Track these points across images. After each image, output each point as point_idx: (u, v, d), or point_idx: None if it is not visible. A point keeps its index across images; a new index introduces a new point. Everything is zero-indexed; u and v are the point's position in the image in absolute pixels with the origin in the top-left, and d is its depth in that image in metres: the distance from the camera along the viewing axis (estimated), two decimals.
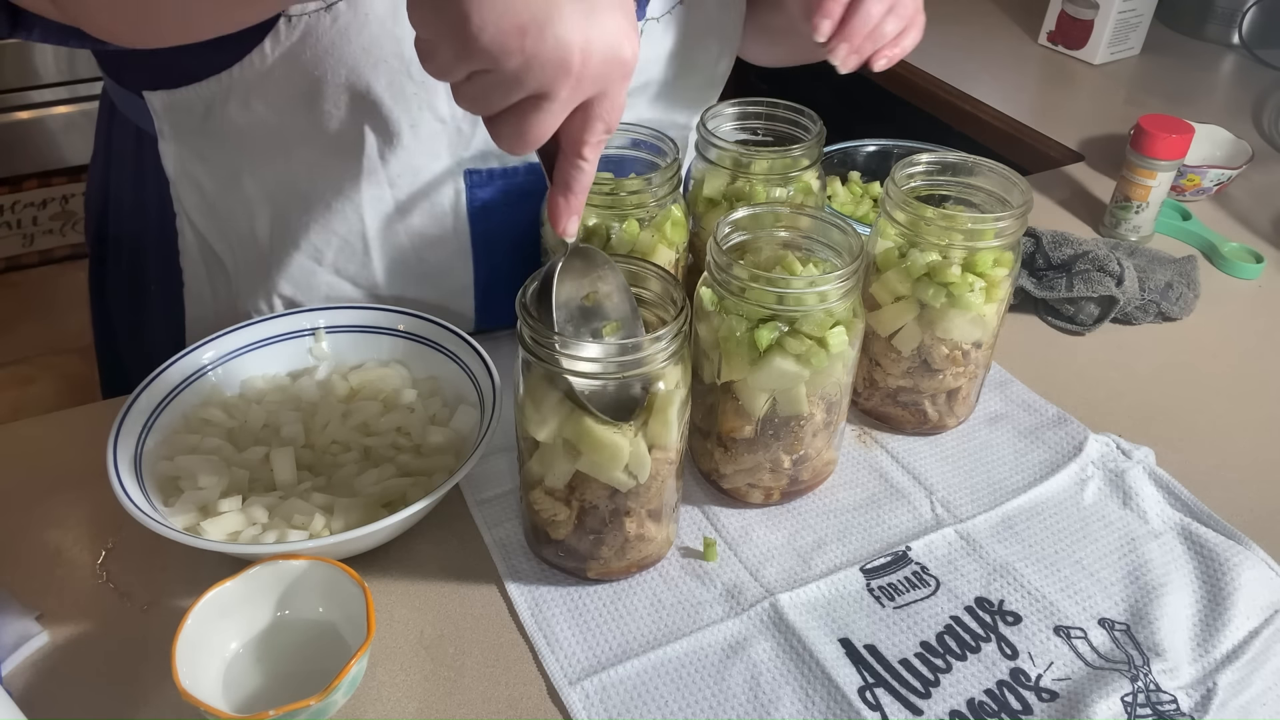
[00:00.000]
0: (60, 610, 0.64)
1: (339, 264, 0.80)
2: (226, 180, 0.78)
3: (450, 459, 0.71)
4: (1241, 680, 0.61)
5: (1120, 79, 1.44)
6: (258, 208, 0.78)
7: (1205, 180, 1.10)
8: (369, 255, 0.80)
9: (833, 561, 0.69)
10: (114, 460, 0.64)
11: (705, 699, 0.60)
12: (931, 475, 0.76)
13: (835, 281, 0.62)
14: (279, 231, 0.79)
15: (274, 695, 0.58)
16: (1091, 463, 0.76)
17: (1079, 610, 0.66)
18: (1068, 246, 0.93)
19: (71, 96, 2.60)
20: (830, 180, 1.02)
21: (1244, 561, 0.68)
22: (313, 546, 0.60)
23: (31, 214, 2.63)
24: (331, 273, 0.81)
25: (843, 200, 1.03)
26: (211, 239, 0.82)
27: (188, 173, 0.79)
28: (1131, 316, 0.92)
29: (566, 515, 0.62)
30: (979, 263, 0.70)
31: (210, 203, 0.80)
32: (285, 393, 0.75)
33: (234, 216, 0.80)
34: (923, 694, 0.61)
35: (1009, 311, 0.92)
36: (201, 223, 0.81)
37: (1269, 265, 1.01)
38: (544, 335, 0.55)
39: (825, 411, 0.68)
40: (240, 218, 0.79)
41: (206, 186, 0.79)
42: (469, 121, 0.74)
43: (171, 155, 0.78)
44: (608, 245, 0.74)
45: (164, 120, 0.76)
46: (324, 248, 0.79)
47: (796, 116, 0.82)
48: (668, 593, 0.66)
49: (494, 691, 0.60)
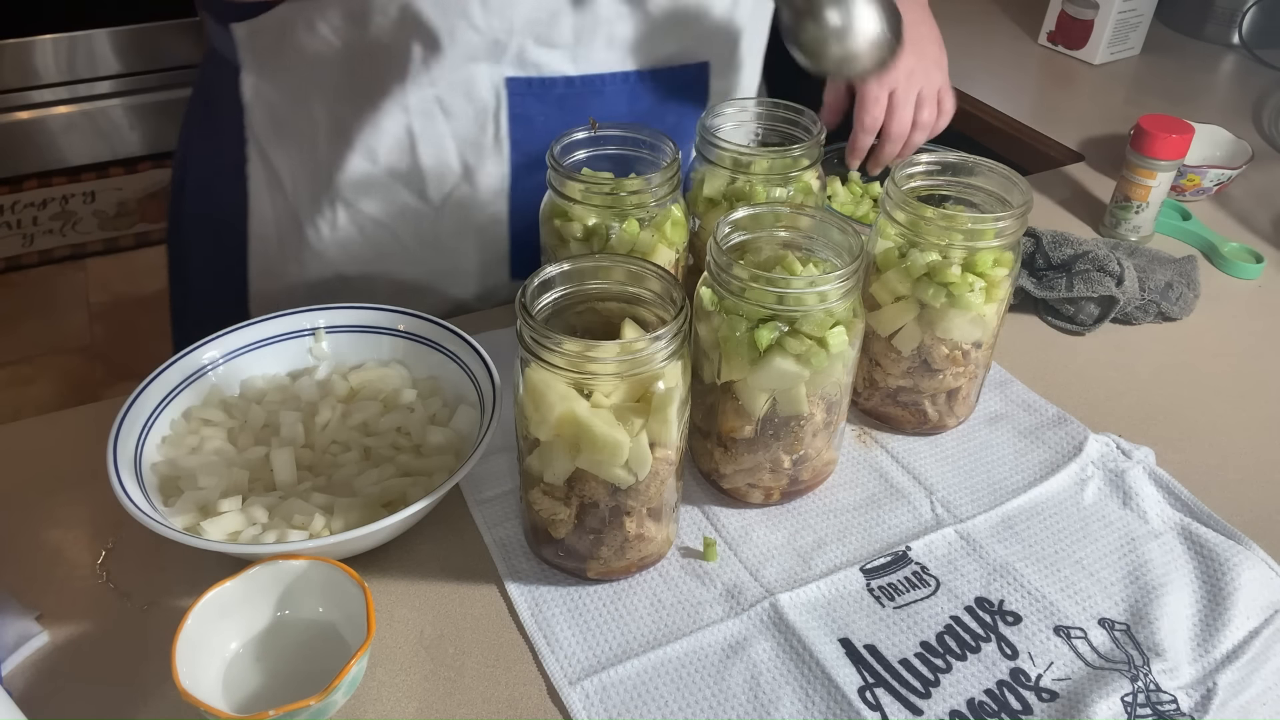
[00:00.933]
0: (60, 610, 0.64)
1: (390, 162, 0.87)
2: (296, 101, 0.86)
3: (450, 459, 0.71)
4: (1241, 680, 0.61)
5: (1120, 79, 1.44)
6: (321, 124, 0.86)
7: (1205, 180, 1.10)
8: (415, 154, 0.86)
9: (833, 561, 0.69)
10: (114, 460, 0.64)
11: (705, 699, 0.60)
12: (931, 475, 0.76)
13: (835, 281, 0.62)
14: (338, 140, 0.86)
15: (274, 695, 0.58)
16: (1091, 463, 0.76)
17: (1079, 610, 0.66)
18: (1068, 246, 0.93)
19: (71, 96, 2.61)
20: (830, 180, 1.02)
21: (1244, 561, 0.68)
22: (313, 546, 0.60)
23: (31, 214, 2.63)
24: (385, 174, 0.87)
25: (843, 200, 1.03)
26: (277, 160, 0.89)
27: (262, 97, 0.87)
28: (1131, 316, 0.92)
29: (566, 514, 0.62)
30: (979, 263, 0.70)
31: (279, 122, 0.88)
32: (285, 393, 0.75)
33: (300, 135, 0.87)
34: (923, 694, 0.61)
35: (1009, 311, 0.92)
36: (270, 144, 0.89)
37: (1269, 265, 1.01)
38: (544, 335, 0.56)
39: (825, 411, 0.68)
40: (305, 135, 0.87)
41: (278, 108, 0.87)
42: (504, 32, 0.81)
43: (250, 84, 0.87)
44: (608, 245, 0.74)
45: (246, 49, 0.86)
46: (376, 146, 0.86)
47: (796, 116, 0.82)
48: (668, 593, 0.66)
49: (494, 691, 0.60)
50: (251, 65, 0.87)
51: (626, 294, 0.62)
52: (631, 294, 0.62)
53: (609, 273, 0.62)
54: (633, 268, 0.62)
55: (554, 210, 0.76)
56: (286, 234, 0.91)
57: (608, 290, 0.62)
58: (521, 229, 0.92)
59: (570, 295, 0.62)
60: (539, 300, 0.60)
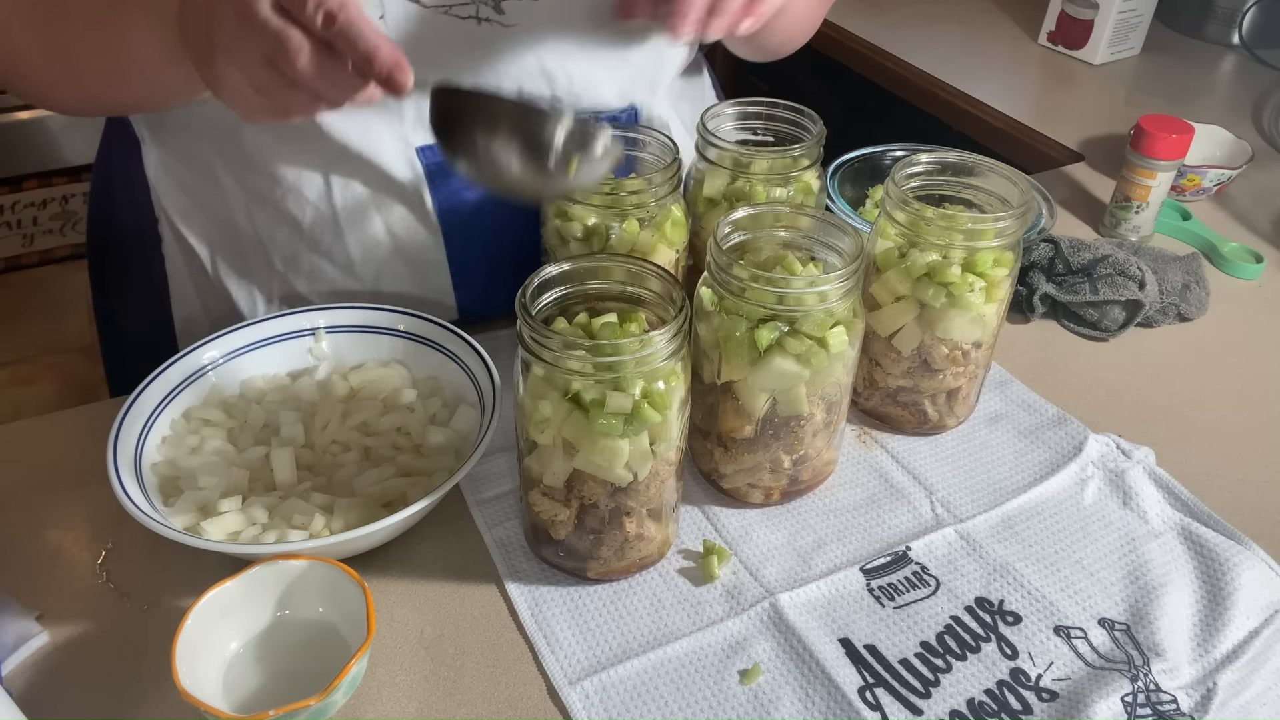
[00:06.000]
0: (60, 610, 0.64)
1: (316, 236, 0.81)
2: (203, 174, 0.81)
3: (450, 459, 0.71)
4: (1241, 680, 0.61)
5: (1120, 79, 1.44)
6: (234, 196, 0.81)
7: (1205, 180, 1.10)
8: (340, 229, 0.81)
9: (833, 561, 0.69)
10: (114, 460, 0.64)
11: (705, 699, 0.60)
12: (931, 475, 0.76)
13: (835, 281, 0.62)
14: (259, 215, 0.81)
15: (274, 695, 0.58)
16: (1091, 463, 0.76)
17: (1079, 610, 0.66)
18: (1086, 251, 0.93)
19: None
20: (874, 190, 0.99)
21: (1244, 561, 0.68)
22: (313, 546, 0.60)
23: (31, 214, 2.63)
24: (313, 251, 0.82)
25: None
26: (193, 239, 0.84)
27: (169, 172, 0.83)
28: (1152, 320, 0.92)
29: (566, 515, 0.62)
30: (979, 263, 0.70)
31: (193, 199, 0.83)
32: (285, 393, 0.75)
33: (215, 208, 0.83)
34: (923, 694, 0.61)
35: (1034, 320, 0.92)
36: (184, 222, 0.84)
37: (1269, 265, 1.01)
38: (544, 335, 0.56)
39: (825, 411, 0.68)
40: (221, 208, 0.82)
41: (187, 183, 0.83)
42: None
43: (153, 159, 0.83)
44: (608, 245, 0.74)
45: (142, 124, 0.82)
46: (301, 218, 0.80)
47: (796, 116, 0.82)
48: (668, 593, 0.66)
49: (494, 691, 0.60)
50: (149, 139, 0.82)
51: (626, 294, 0.62)
52: (631, 294, 0.62)
53: (609, 273, 0.62)
54: (633, 268, 0.62)
55: (554, 210, 0.76)
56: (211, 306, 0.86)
57: (608, 290, 0.62)
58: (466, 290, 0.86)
59: (570, 295, 0.62)
60: (539, 300, 0.60)
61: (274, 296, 0.85)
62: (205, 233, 0.84)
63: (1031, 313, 0.92)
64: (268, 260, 0.83)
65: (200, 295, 0.87)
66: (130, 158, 0.84)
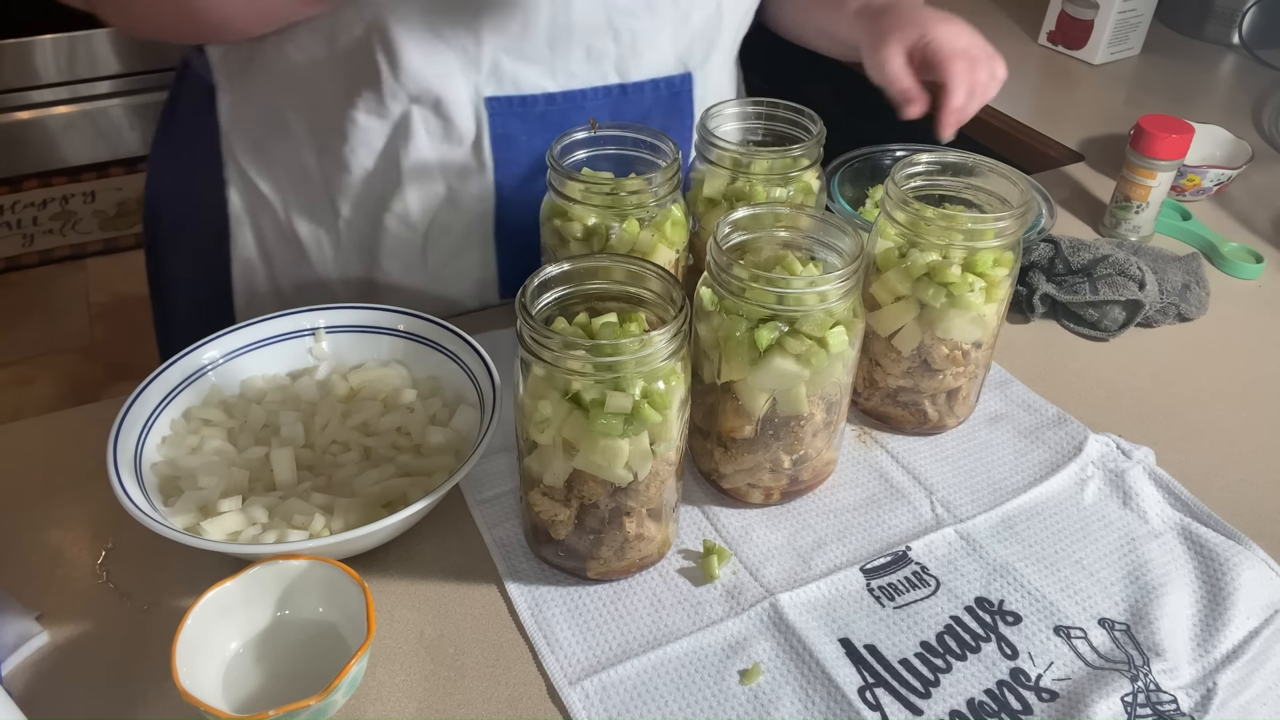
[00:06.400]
0: (60, 610, 0.64)
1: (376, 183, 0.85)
2: (275, 119, 0.85)
3: (450, 459, 0.71)
4: (1241, 680, 0.61)
5: (1120, 79, 1.44)
6: (304, 142, 0.85)
7: (1205, 180, 1.10)
8: (399, 174, 0.85)
9: (833, 561, 0.69)
10: (114, 460, 0.64)
11: (705, 699, 0.60)
12: (931, 475, 0.76)
13: (835, 281, 0.62)
14: (327, 160, 0.85)
15: (274, 695, 0.58)
16: (1091, 463, 0.76)
17: (1079, 610, 0.66)
18: (1085, 251, 0.93)
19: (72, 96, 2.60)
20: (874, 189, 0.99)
21: (1244, 561, 0.68)
22: (313, 546, 0.60)
23: (31, 214, 2.63)
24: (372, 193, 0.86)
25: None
26: (261, 181, 0.88)
27: (239, 118, 0.87)
28: (1152, 320, 0.92)
29: (566, 515, 0.62)
30: (979, 263, 0.70)
31: (259, 142, 0.87)
32: (285, 393, 0.75)
33: (284, 154, 0.86)
34: (923, 694, 0.61)
35: (1034, 320, 0.92)
36: (252, 164, 0.88)
37: (1269, 265, 1.01)
38: (544, 335, 0.56)
39: (825, 411, 0.68)
40: (290, 154, 0.86)
41: (257, 128, 0.86)
42: (473, 43, 0.79)
43: (226, 104, 0.87)
44: (608, 245, 0.74)
45: (220, 71, 0.86)
46: (367, 162, 0.85)
47: (796, 116, 0.82)
48: (668, 593, 0.66)
49: (494, 691, 0.60)
50: (226, 85, 0.86)
51: (626, 294, 0.62)
52: (631, 294, 0.62)
53: (609, 273, 0.62)
54: (633, 268, 0.61)
55: (554, 210, 0.76)
56: (275, 252, 0.90)
57: (608, 290, 0.62)
58: (508, 253, 0.91)
59: (570, 295, 0.62)
60: (539, 300, 0.60)
61: (340, 242, 0.89)
62: (275, 179, 0.87)
63: (1031, 313, 0.92)
64: (334, 206, 0.87)
65: (261, 242, 0.90)
66: (202, 107, 0.87)
